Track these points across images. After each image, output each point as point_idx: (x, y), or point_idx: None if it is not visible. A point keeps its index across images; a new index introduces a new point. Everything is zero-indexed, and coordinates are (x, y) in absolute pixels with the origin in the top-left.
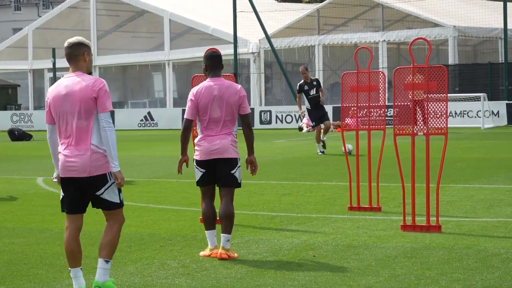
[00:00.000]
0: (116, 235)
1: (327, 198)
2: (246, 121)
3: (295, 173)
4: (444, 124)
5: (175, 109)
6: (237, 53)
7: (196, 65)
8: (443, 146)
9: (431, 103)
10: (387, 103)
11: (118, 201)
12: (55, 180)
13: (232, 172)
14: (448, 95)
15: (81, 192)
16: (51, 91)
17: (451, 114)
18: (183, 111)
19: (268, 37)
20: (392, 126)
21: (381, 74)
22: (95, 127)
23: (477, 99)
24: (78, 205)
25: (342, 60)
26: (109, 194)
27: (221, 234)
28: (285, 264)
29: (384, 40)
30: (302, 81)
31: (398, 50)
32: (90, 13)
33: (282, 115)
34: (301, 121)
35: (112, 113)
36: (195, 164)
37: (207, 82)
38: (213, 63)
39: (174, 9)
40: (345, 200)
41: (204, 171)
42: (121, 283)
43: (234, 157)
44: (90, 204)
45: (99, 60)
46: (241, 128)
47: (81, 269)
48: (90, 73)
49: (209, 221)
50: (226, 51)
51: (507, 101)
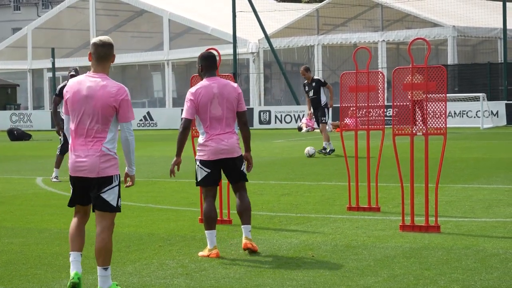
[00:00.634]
0: (109, 242)
1: (326, 198)
2: (243, 119)
3: (294, 173)
4: (443, 124)
5: (174, 109)
6: (237, 53)
7: (196, 65)
8: (442, 146)
9: (430, 103)
10: (386, 103)
11: (115, 205)
12: (55, 180)
13: (242, 169)
14: (448, 95)
15: (85, 189)
16: (72, 86)
17: (450, 114)
18: (182, 111)
19: (267, 37)
20: (391, 126)
21: (380, 74)
22: (110, 131)
23: (477, 99)
24: (86, 198)
25: (342, 60)
26: (110, 196)
27: (243, 226)
28: (284, 264)
29: (384, 40)
30: (306, 81)
31: (398, 50)
32: (90, 13)
33: (281, 115)
34: (301, 121)
35: None
36: (198, 164)
37: (205, 82)
38: (208, 64)
39: (173, 9)
40: (344, 200)
41: (209, 171)
42: (120, 283)
43: (240, 155)
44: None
45: None
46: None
47: (81, 254)
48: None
49: (210, 221)
50: (225, 51)
51: (506, 101)
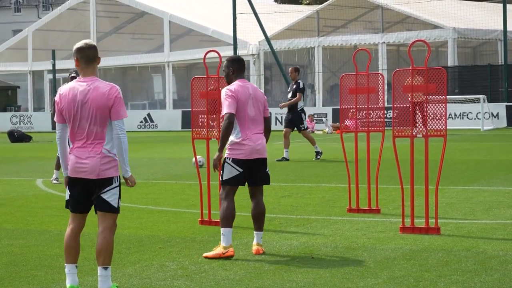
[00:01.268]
0: (110, 242)
1: (326, 200)
2: (268, 125)
3: (295, 174)
4: (443, 126)
5: (174, 110)
6: (237, 54)
7: (196, 67)
8: (442, 148)
9: (430, 105)
10: (386, 105)
11: (116, 206)
12: (55, 181)
13: (267, 170)
14: (448, 97)
15: (87, 193)
16: (64, 95)
17: (450, 116)
18: (183, 112)
19: (267, 39)
20: (391, 128)
21: (380, 76)
22: (108, 132)
23: (477, 101)
24: (83, 205)
25: (342, 62)
26: (111, 197)
27: (256, 232)
28: (284, 265)
29: (384, 42)
30: (300, 81)
31: (398, 52)
32: (90, 14)
33: (281, 116)
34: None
35: None
36: (230, 162)
37: (239, 82)
38: (239, 66)
39: (173, 10)
40: (344, 202)
41: (241, 170)
42: (120, 284)
43: (266, 157)
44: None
45: None
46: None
47: (76, 266)
48: None
49: (230, 218)
50: (225, 52)
51: (506, 103)
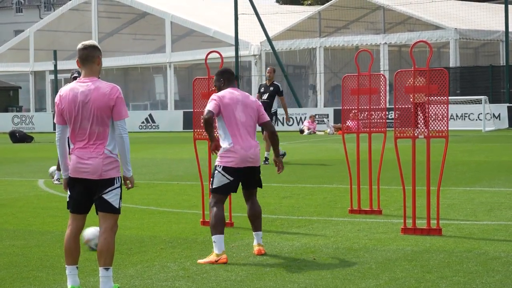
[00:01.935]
0: (111, 243)
1: (328, 201)
2: (271, 129)
3: (296, 175)
4: (445, 127)
5: (176, 111)
6: (239, 55)
7: (198, 67)
8: (444, 149)
9: (432, 106)
10: (388, 106)
11: (117, 207)
12: (57, 182)
13: (260, 175)
14: (449, 98)
15: (87, 193)
16: (64, 95)
17: (452, 117)
18: (184, 113)
19: (269, 40)
20: (393, 129)
21: (382, 77)
22: (110, 133)
23: (479, 101)
24: (83, 205)
25: (344, 62)
26: (112, 197)
27: (255, 233)
28: (285, 266)
29: (386, 43)
30: (264, 82)
31: (400, 52)
32: (92, 15)
33: (283, 117)
34: (302, 123)
35: None
36: (221, 170)
37: (228, 89)
38: (228, 76)
39: (175, 11)
40: (345, 203)
41: (232, 179)
42: (122, 285)
43: (259, 165)
44: (92, 209)
45: None
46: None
47: (77, 267)
48: (99, 77)
49: (222, 225)
50: (227, 53)
51: (508, 104)
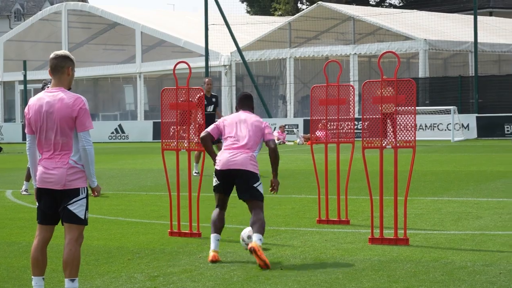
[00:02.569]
0: (76, 254)
1: (296, 211)
2: (270, 149)
3: (265, 185)
4: (412, 137)
5: (146, 121)
6: (209, 66)
7: (168, 78)
8: (411, 159)
9: (400, 116)
10: (358, 116)
11: (83, 218)
12: (25, 193)
13: (254, 185)
14: (419, 108)
15: (54, 204)
16: (32, 105)
17: (421, 127)
18: (154, 124)
19: (239, 50)
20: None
21: (351, 88)
22: (74, 143)
23: (448, 112)
24: (50, 216)
25: (314, 73)
26: (77, 208)
27: (255, 234)
28: (252, 277)
29: (355, 53)
30: (202, 93)
31: (369, 63)
32: (62, 25)
33: None
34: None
35: None
36: (214, 173)
37: (239, 112)
38: (240, 101)
39: (145, 22)
40: (314, 213)
41: (219, 182)
42: None
43: (252, 171)
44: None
45: None
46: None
47: (43, 279)
48: (70, 88)
49: (215, 225)
50: (197, 64)
51: (477, 114)
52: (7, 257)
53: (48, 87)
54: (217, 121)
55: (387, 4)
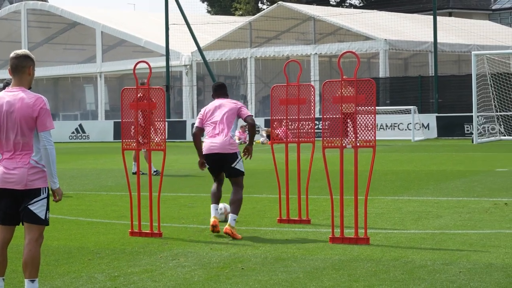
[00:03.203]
0: (36, 254)
1: (257, 210)
2: (249, 124)
3: (226, 185)
4: (372, 137)
5: (106, 121)
6: (169, 65)
7: (129, 77)
8: (371, 159)
9: (360, 116)
10: (320, 116)
11: (44, 218)
12: None
13: (234, 166)
14: (379, 108)
15: (15, 204)
16: None
17: (382, 127)
18: (115, 123)
19: (200, 50)
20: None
21: (311, 87)
22: (35, 143)
23: (408, 111)
24: (11, 217)
25: (274, 73)
26: (38, 208)
27: (230, 214)
28: (213, 277)
29: (316, 53)
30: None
31: (330, 63)
32: (21, 25)
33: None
34: None
35: None
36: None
37: (215, 100)
38: (215, 90)
39: (106, 21)
40: (275, 213)
41: (208, 166)
42: None
43: (232, 153)
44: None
45: None
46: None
47: (3, 279)
48: (30, 87)
49: (213, 197)
50: (158, 63)
51: (437, 114)
52: None
53: (9, 86)
54: (199, 113)
55: (348, 4)
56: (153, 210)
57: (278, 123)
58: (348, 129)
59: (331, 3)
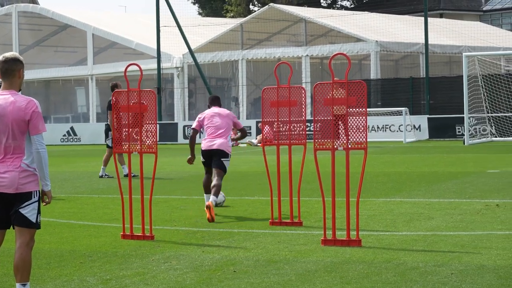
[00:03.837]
0: (27, 258)
1: (249, 213)
2: (242, 131)
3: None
4: (364, 139)
5: (98, 124)
6: (161, 67)
7: (120, 80)
8: (363, 161)
9: (352, 117)
10: (312, 118)
11: (35, 221)
12: None
13: (223, 160)
14: (371, 109)
15: (6, 208)
16: None
17: (373, 129)
18: (106, 126)
19: (191, 52)
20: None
21: (302, 89)
22: (27, 146)
23: (399, 113)
24: (1, 220)
25: (266, 75)
26: (29, 212)
27: (208, 195)
28: (205, 279)
29: (307, 55)
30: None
31: (321, 64)
32: (12, 27)
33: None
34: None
35: None
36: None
37: (212, 108)
38: (211, 101)
39: (97, 23)
40: (267, 215)
41: (203, 160)
42: None
43: (223, 151)
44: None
45: None
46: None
47: None
48: (20, 90)
49: (205, 188)
50: (149, 65)
51: (428, 115)
52: None
53: None
54: (198, 117)
55: (339, 6)
56: (145, 213)
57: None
58: (340, 131)
59: (322, 4)
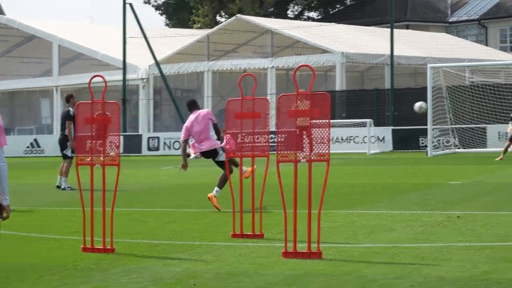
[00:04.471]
0: None
1: (211, 225)
2: (216, 128)
3: (181, 200)
4: (327, 151)
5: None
6: (126, 79)
7: (85, 91)
8: (325, 173)
9: (315, 129)
10: (276, 130)
11: None
12: None
13: (219, 158)
14: (335, 121)
15: None
16: None
17: (337, 140)
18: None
19: (157, 63)
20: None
21: (266, 101)
22: None
23: (364, 124)
24: None
25: (232, 86)
26: None
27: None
28: None
29: (273, 66)
30: (71, 109)
31: (287, 76)
32: None
33: (170, 141)
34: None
35: None
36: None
37: (191, 114)
38: (189, 105)
39: (63, 34)
40: (228, 227)
41: (202, 157)
42: None
43: (215, 149)
44: None
45: None
46: None
47: None
48: None
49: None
50: (115, 77)
51: (392, 127)
52: None
53: None
54: (184, 127)
55: (306, 17)
56: (106, 226)
57: (233, 136)
58: (304, 143)
59: (289, 16)
